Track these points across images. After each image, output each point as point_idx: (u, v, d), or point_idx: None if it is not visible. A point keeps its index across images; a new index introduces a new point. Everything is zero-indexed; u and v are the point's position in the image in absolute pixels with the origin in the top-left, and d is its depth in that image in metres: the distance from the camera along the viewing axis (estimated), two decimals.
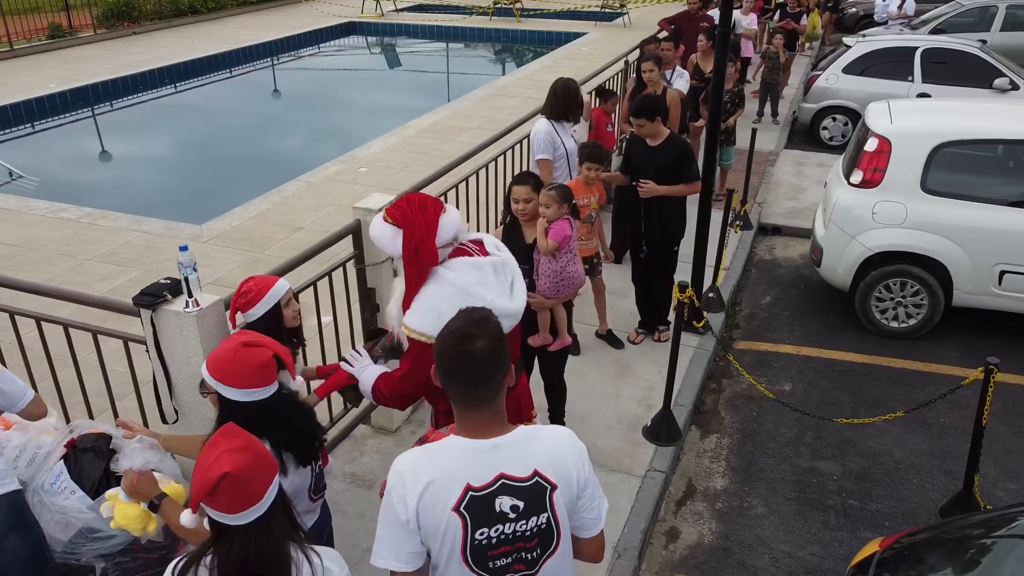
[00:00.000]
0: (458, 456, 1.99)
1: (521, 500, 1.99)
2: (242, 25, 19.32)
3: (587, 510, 2.11)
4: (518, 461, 2.01)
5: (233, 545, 1.90)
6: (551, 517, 2.03)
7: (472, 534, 1.97)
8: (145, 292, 3.17)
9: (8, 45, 15.95)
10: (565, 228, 4.23)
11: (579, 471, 2.07)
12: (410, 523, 1.96)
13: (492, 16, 19.97)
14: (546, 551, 2.07)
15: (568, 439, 2.11)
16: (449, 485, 1.96)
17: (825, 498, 4.56)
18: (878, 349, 6.03)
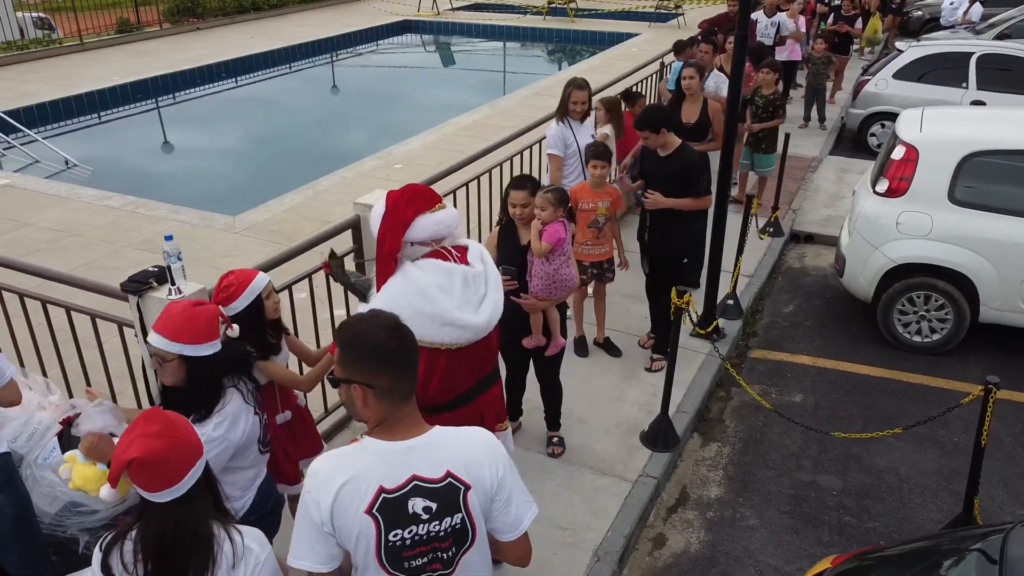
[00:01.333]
0: (371, 458, 2.00)
1: (434, 502, 2.00)
2: (300, 22, 19.77)
3: (503, 513, 2.11)
4: (431, 462, 2.02)
5: (153, 521, 1.99)
6: (465, 517, 2.05)
7: (386, 536, 1.99)
8: (132, 279, 3.31)
9: (78, 39, 16.67)
10: (559, 231, 4.22)
11: (493, 473, 2.07)
12: (324, 526, 1.98)
13: (546, 16, 19.98)
14: (461, 548, 2.08)
15: (484, 440, 2.12)
16: (362, 487, 1.97)
17: (821, 513, 4.46)
18: (899, 364, 5.85)
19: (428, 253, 3.02)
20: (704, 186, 5.17)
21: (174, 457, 1.95)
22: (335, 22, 19.78)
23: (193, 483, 1.99)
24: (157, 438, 1.94)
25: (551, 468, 4.60)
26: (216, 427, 2.60)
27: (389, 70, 17.09)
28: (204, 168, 10.77)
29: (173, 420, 2.01)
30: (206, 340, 2.58)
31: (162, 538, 1.98)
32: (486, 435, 2.14)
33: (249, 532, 2.12)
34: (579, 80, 5.74)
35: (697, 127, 6.15)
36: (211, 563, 2.02)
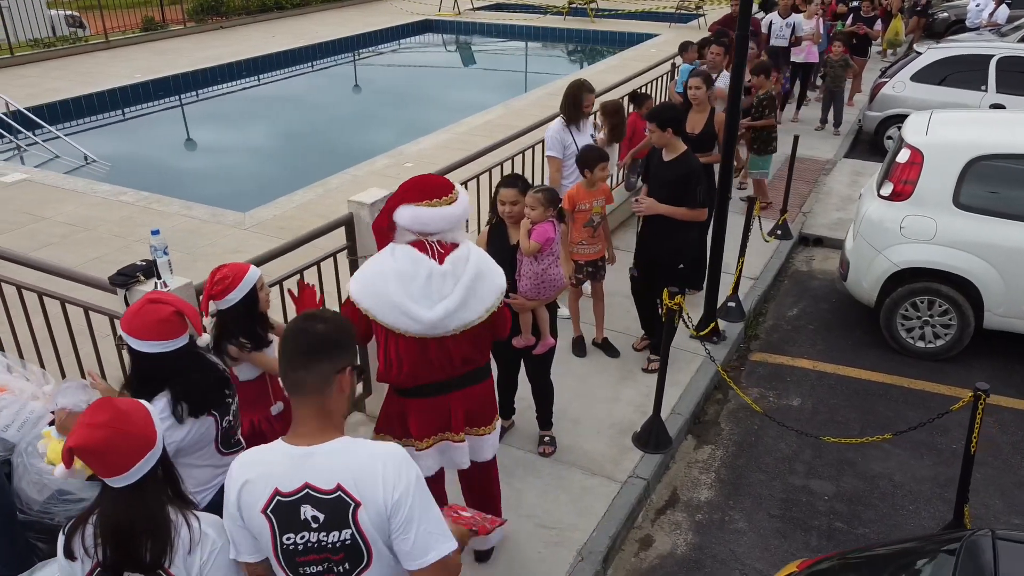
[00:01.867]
0: (274, 459, 2.03)
1: (322, 512, 1.98)
2: (322, 21, 19.93)
3: (401, 539, 2.00)
4: (325, 473, 1.98)
5: (109, 506, 2.04)
6: (356, 534, 1.98)
7: (280, 538, 2.02)
8: (121, 272, 3.37)
9: (104, 37, 16.94)
10: (548, 231, 4.23)
11: (389, 495, 1.96)
12: (237, 520, 2.06)
13: (566, 16, 19.97)
14: (356, 567, 2.04)
15: (388, 460, 2.00)
16: (261, 487, 2.01)
17: (811, 518, 4.43)
18: (901, 369, 5.78)
19: (411, 241, 3.08)
20: (701, 198, 5.12)
21: (117, 448, 1.98)
22: (356, 21, 19.92)
23: (146, 471, 2.03)
24: (100, 428, 1.98)
25: (540, 467, 4.61)
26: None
27: (407, 69, 17.17)
28: (219, 165, 10.91)
29: (124, 411, 2.04)
30: (147, 338, 2.57)
31: (117, 523, 2.03)
32: (393, 455, 2.02)
33: (207, 519, 2.16)
34: (588, 83, 5.74)
35: (701, 137, 6.06)
36: (168, 548, 2.06)
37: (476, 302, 3.11)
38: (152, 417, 2.12)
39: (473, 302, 3.10)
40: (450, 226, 3.09)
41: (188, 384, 2.70)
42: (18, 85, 13.20)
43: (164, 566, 2.07)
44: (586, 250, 5.35)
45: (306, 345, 2.02)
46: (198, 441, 2.74)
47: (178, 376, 2.68)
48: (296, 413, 2.06)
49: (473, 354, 3.25)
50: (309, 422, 2.04)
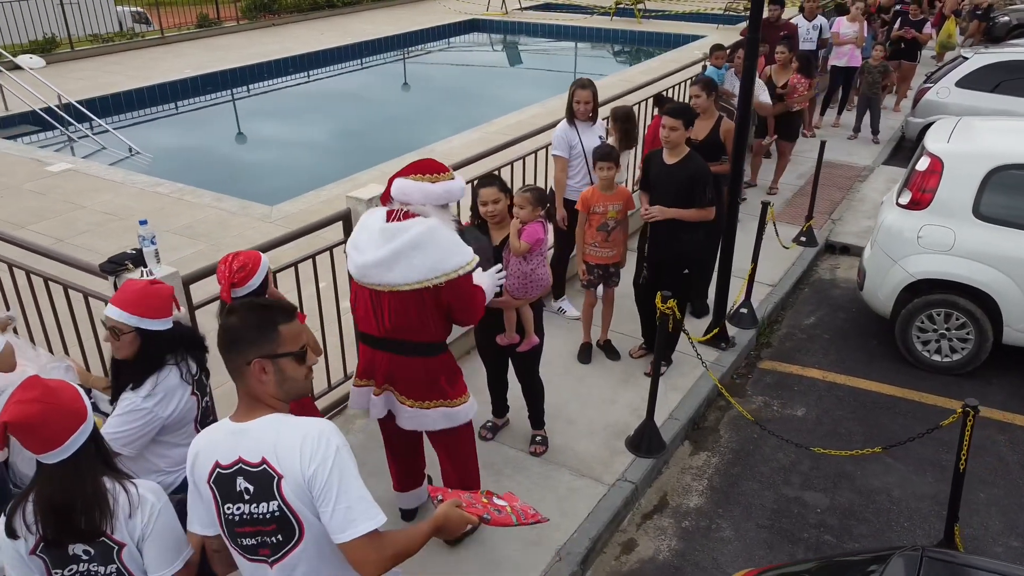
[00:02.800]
0: (217, 435, 2.17)
1: (252, 484, 2.09)
2: (371, 20, 20.21)
3: (323, 513, 2.06)
4: (253, 447, 2.09)
5: (44, 482, 2.14)
6: (283, 506, 2.07)
7: (222, 507, 2.14)
8: (111, 260, 3.51)
9: (160, 33, 17.48)
10: (538, 231, 4.23)
11: (306, 467, 2.04)
12: (193, 491, 2.21)
13: (613, 17, 19.87)
14: (290, 540, 2.12)
15: (308, 434, 2.07)
16: (206, 459, 2.15)
17: (800, 530, 4.35)
18: (914, 383, 5.63)
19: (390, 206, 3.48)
20: (709, 197, 5.07)
21: (49, 421, 2.08)
22: (405, 20, 20.15)
23: (79, 445, 2.13)
24: (31, 403, 2.07)
25: (529, 466, 4.63)
26: (146, 399, 2.74)
27: (450, 68, 17.31)
28: (255, 159, 11.17)
29: (53, 388, 2.13)
30: (161, 316, 2.77)
31: (54, 498, 2.13)
32: (315, 430, 2.09)
33: (145, 484, 2.27)
34: (583, 80, 5.74)
35: (705, 145, 5.97)
36: (108, 515, 2.17)
37: (403, 267, 3.33)
38: (81, 393, 2.21)
39: (399, 267, 3.33)
40: (423, 199, 3.38)
41: (196, 352, 2.92)
42: (75, 79, 13.72)
43: (107, 532, 2.18)
44: (598, 252, 5.32)
45: (221, 339, 2.16)
46: (182, 418, 2.87)
47: (182, 344, 2.88)
48: (239, 395, 2.18)
49: (407, 323, 3.45)
50: (242, 401, 2.17)
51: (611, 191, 5.18)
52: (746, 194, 8.53)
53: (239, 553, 2.20)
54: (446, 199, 3.49)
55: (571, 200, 5.72)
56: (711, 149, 5.84)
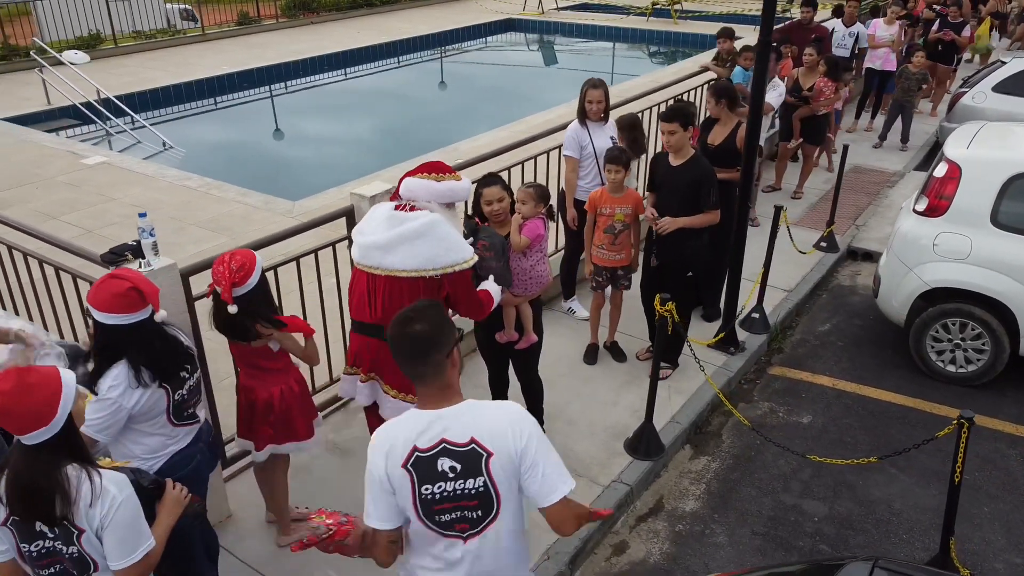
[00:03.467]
0: (410, 423, 2.30)
1: (458, 463, 2.26)
2: (408, 19, 20.37)
3: (531, 481, 2.28)
4: (458, 428, 2.27)
5: (15, 460, 2.26)
6: (487, 481, 2.27)
7: (419, 489, 2.27)
8: (112, 251, 3.60)
9: (201, 30, 17.85)
10: (539, 227, 4.27)
11: (516, 443, 2.26)
12: (383, 483, 2.29)
13: (649, 17, 19.75)
14: (488, 514, 2.31)
15: (511, 414, 2.32)
16: (402, 446, 2.27)
17: (796, 539, 4.30)
18: (927, 393, 5.52)
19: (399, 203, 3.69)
20: (714, 200, 5.03)
21: (14, 415, 2.20)
22: (441, 19, 20.27)
23: (44, 439, 2.22)
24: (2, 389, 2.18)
25: None
26: (110, 389, 2.82)
27: (484, 67, 17.38)
28: (283, 155, 11.36)
29: (28, 384, 2.22)
30: (106, 310, 2.80)
31: (19, 478, 2.24)
32: (515, 410, 2.34)
33: (110, 476, 2.35)
34: (594, 79, 5.74)
35: (721, 151, 5.92)
36: (68, 502, 2.25)
37: (403, 252, 3.50)
38: (61, 392, 2.28)
39: (400, 251, 3.50)
40: (428, 196, 3.60)
41: (150, 353, 2.91)
42: (117, 74, 14.09)
43: (68, 517, 2.26)
44: (604, 255, 5.32)
45: (413, 349, 2.27)
46: (149, 410, 2.92)
47: (137, 346, 2.88)
48: (422, 390, 2.32)
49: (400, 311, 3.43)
50: (435, 395, 2.31)
51: (619, 194, 5.16)
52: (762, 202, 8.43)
53: (433, 530, 2.32)
54: (450, 197, 3.69)
55: (582, 200, 5.72)
56: (727, 155, 5.79)
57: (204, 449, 3.23)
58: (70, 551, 2.30)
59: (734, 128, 5.90)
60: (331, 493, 4.37)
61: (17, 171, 9.38)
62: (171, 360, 2.99)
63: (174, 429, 3.03)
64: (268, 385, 3.65)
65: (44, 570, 2.38)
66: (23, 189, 8.84)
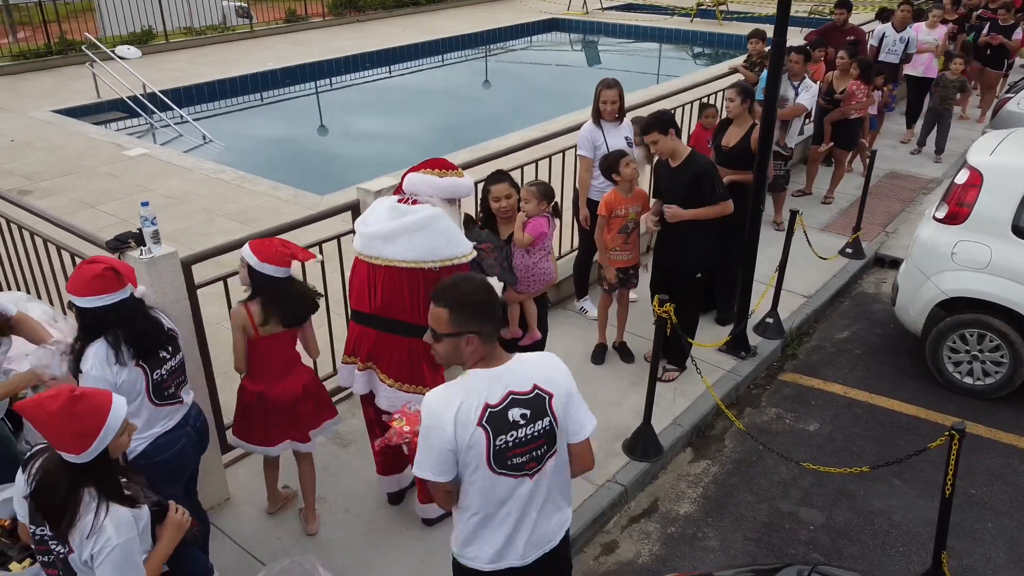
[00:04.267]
0: (476, 383, 2.49)
1: (527, 409, 2.49)
2: (453, 17, 20.51)
3: (572, 420, 2.60)
4: (520, 379, 2.51)
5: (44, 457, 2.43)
6: (551, 419, 2.53)
7: (494, 442, 2.45)
8: (116, 238, 3.74)
9: (250, 27, 18.26)
10: (542, 225, 4.32)
11: (566, 384, 2.58)
12: (448, 443, 2.43)
13: (694, 18, 19.56)
14: (551, 449, 2.56)
15: (556, 361, 2.63)
16: (472, 407, 2.44)
17: (788, 546, 4.26)
18: (941, 405, 5.39)
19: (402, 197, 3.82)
20: (720, 191, 5.00)
21: (50, 432, 2.36)
22: (485, 18, 20.37)
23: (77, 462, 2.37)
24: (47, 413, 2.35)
25: None
26: (92, 367, 2.95)
27: (524, 66, 17.41)
28: (318, 150, 11.58)
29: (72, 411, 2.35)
30: (82, 294, 2.93)
31: (45, 475, 2.41)
32: (553, 357, 2.65)
33: (117, 516, 2.41)
34: (608, 80, 5.73)
35: (735, 152, 5.85)
36: (72, 523, 2.38)
37: (403, 243, 3.59)
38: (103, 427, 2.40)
39: (400, 242, 3.59)
40: (430, 191, 3.72)
41: (131, 330, 3.03)
42: (166, 69, 14.50)
43: (68, 536, 2.40)
44: (619, 256, 5.32)
45: (496, 311, 2.52)
46: (129, 390, 3.02)
47: (119, 324, 3.00)
48: (489, 351, 2.51)
49: (398, 302, 3.64)
50: (486, 354, 2.52)
51: (630, 193, 5.17)
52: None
53: (504, 474, 2.49)
54: (452, 193, 3.79)
55: (595, 201, 5.72)
56: (742, 157, 5.74)
57: (191, 433, 3.31)
58: (61, 553, 2.43)
59: (749, 130, 5.84)
60: (332, 481, 4.47)
61: (63, 161, 9.74)
62: (152, 339, 3.09)
63: (156, 409, 3.13)
64: (294, 379, 3.83)
65: (40, 555, 2.55)
66: (67, 178, 9.18)
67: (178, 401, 3.23)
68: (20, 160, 9.79)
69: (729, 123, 6.07)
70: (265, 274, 3.60)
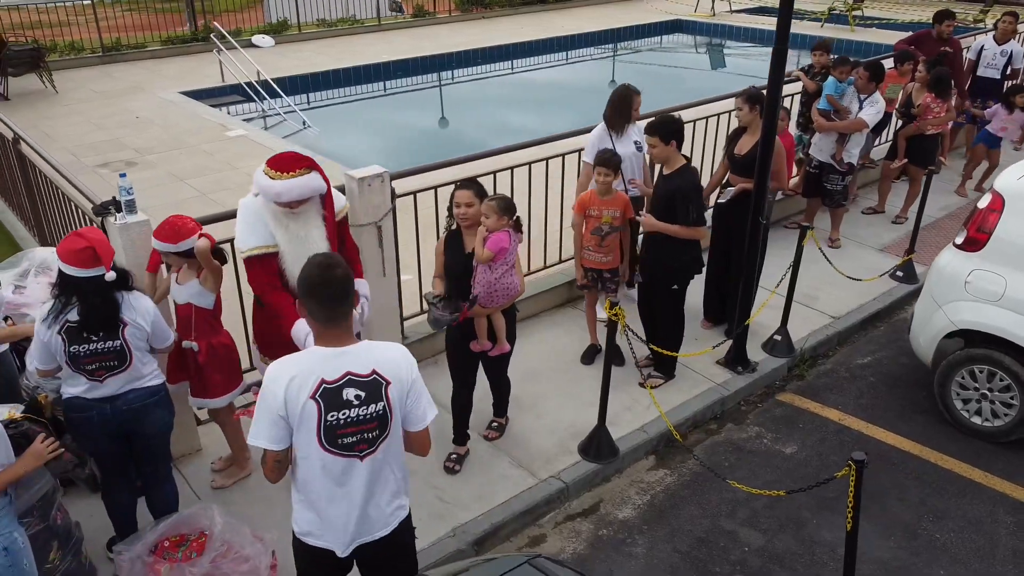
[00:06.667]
0: (315, 359, 2.63)
1: (363, 391, 2.63)
2: (576, 16, 20.60)
3: (413, 408, 2.75)
4: (361, 362, 2.64)
5: None
6: (386, 406, 2.67)
7: (325, 416, 2.60)
8: (102, 204, 4.21)
9: (377, 21, 19.16)
10: (503, 240, 4.23)
11: (407, 374, 2.71)
12: (280, 410, 2.59)
13: (824, 23, 18.65)
14: (383, 434, 2.69)
15: (400, 351, 2.76)
16: (307, 380, 2.58)
17: (715, 564, 4.16)
18: (941, 444, 5.04)
19: None
20: (694, 216, 4.89)
21: None
22: (608, 17, 20.32)
23: None
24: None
25: (475, 448, 4.80)
26: (37, 317, 3.46)
27: (634, 67, 17.24)
28: (398, 138, 12.03)
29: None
30: (64, 261, 3.39)
31: None
32: (401, 348, 2.77)
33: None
34: (626, 86, 5.72)
35: (747, 161, 5.66)
36: None
37: None
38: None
39: None
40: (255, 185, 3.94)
41: (86, 305, 3.44)
42: (290, 57, 15.53)
43: None
44: (592, 256, 5.33)
45: (339, 290, 2.61)
46: (54, 349, 3.47)
47: (78, 295, 3.43)
48: (331, 331, 2.64)
49: None
50: (341, 335, 2.66)
51: (608, 196, 5.17)
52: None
53: (333, 452, 2.63)
54: (264, 193, 3.82)
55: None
56: (753, 165, 5.57)
57: (107, 412, 3.58)
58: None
59: None
60: None
61: (173, 138, 10.73)
62: (94, 319, 3.46)
63: (72, 373, 3.51)
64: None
65: None
66: (171, 153, 10.12)
67: (97, 380, 3.54)
68: (139, 135, 10.86)
69: (742, 131, 5.90)
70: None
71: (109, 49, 15.60)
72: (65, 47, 15.59)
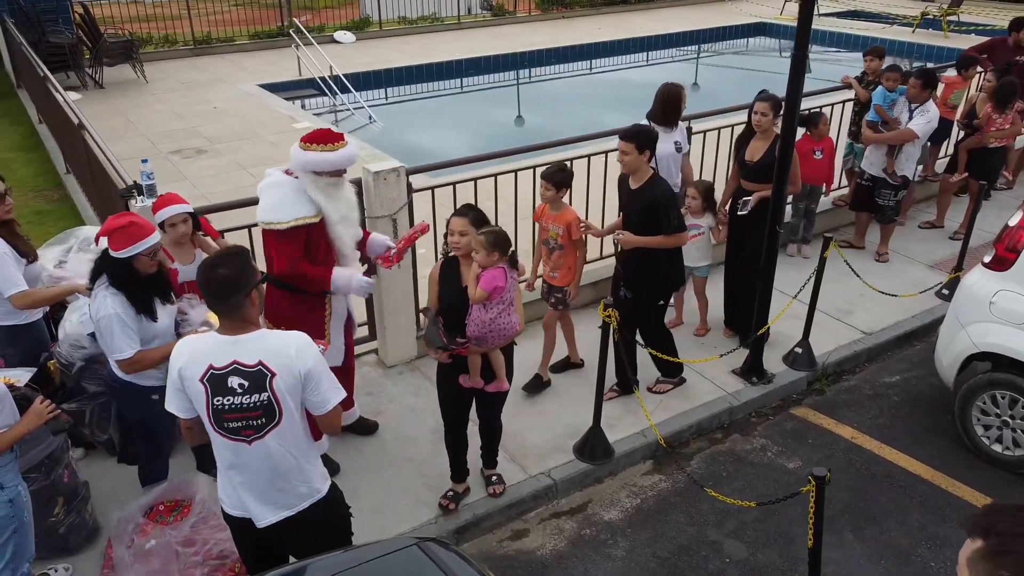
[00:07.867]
0: (208, 345, 2.80)
1: (247, 380, 2.75)
2: (658, 17, 20.36)
3: (313, 396, 2.84)
4: (249, 352, 2.76)
5: None
6: (271, 396, 2.77)
7: (212, 400, 2.77)
8: (128, 187, 4.51)
9: (456, 19, 19.46)
10: (498, 278, 3.85)
11: (299, 367, 2.77)
12: (177, 384, 2.83)
13: (915, 29, 17.86)
14: (271, 422, 2.81)
15: (297, 341, 2.82)
16: (198, 362, 2.77)
17: (692, 573, 4.13)
18: (956, 470, 4.83)
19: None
20: (675, 223, 4.79)
21: None
22: (690, 19, 20.01)
23: None
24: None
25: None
26: None
27: (718, 70, 16.96)
28: (449, 134, 12.19)
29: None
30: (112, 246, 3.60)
31: None
32: (301, 340, 2.83)
33: None
34: (670, 83, 5.74)
35: (759, 167, 5.52)
36: None
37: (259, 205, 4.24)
38: None
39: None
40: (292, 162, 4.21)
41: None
42: (367, 53, 15.96)
43: None
44: (542, 268, 5.29)
45: (217, 291, 2.76)
46: None
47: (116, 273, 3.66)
48: (224, 322, 2.82)
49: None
50: (235, 326, 2.80)
51: (556, 211, 5.02)
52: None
53: (221, 434, 2.82)
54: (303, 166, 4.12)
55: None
56: (768, 171, 5.45)
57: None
58: None
59: (772, 143, 5.53)
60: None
61: (244, 128, 11.23)
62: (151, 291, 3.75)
63: None
64: None
65: None
66: (239, 142, 10.60)
67: None
68: (213, 124, 11.42)
69: (749, 137, 5.77)
70: None
71: (200, 43, 16.41)
72: (160, 40, 16.49)
